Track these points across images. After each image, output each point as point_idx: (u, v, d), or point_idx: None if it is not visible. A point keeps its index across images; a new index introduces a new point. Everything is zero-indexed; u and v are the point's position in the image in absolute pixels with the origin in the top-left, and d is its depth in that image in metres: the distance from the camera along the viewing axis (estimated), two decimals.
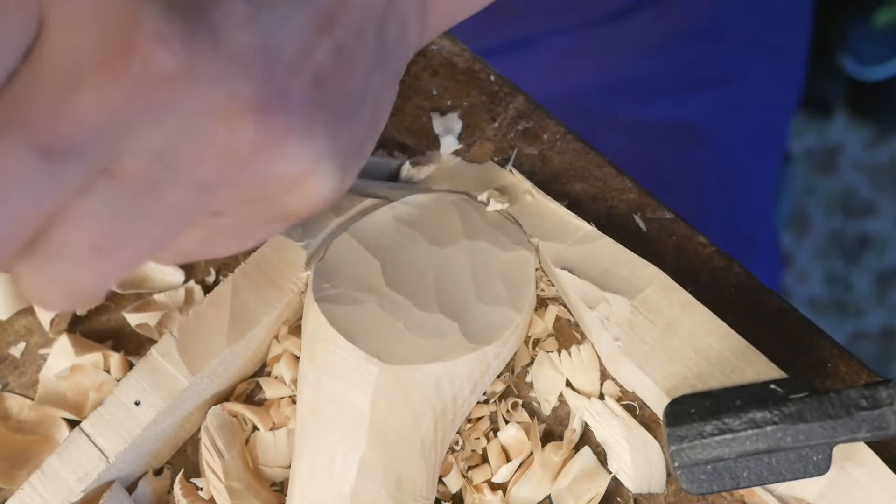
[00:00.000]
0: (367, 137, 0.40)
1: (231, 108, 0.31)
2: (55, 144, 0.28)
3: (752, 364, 0.45)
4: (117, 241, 0.31)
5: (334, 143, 0.36)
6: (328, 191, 0.36)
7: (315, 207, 0.37)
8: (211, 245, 0.37)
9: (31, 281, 0.31)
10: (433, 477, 0.46)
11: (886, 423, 0.39)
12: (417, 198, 0.51)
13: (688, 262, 0.51)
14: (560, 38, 0.81)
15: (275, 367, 0.50)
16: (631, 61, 0.82)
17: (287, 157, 0.34)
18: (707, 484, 0.41)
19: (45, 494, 0.45)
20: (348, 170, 0.37)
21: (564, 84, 0.81)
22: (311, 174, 0.35)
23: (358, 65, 0.38)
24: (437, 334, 0.46)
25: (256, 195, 0.35)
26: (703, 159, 0.84)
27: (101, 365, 0.51)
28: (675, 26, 0.81)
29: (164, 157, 0.31)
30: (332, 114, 0.36)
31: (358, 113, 0.38)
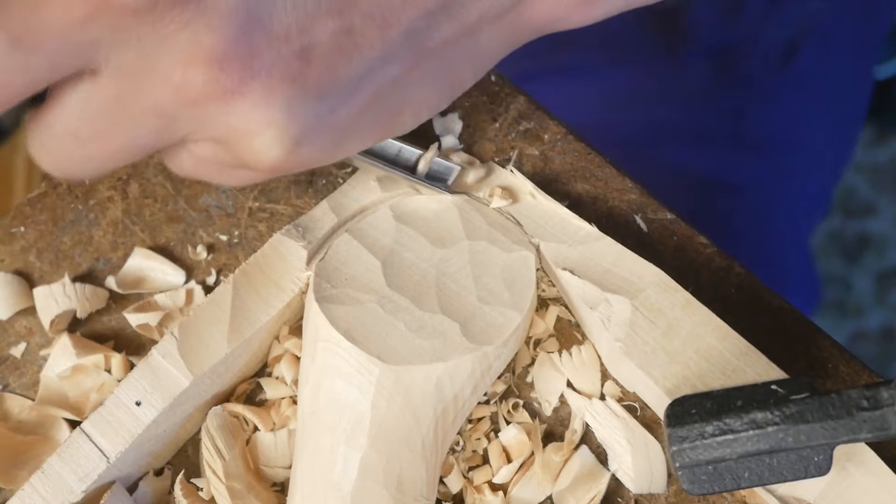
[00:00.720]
0: (355, 124, 0.40)
1: (189, 52, 0.35)
2: (24, 36, 0.34)
3: (753, 364, 0.45)
4: (90, 134, 0.37)
5: (291, 116, 0.38)
6: (272, 157, 0.39)
7: (265, 168, 0.39)
8: (200, 169, 0.41)
9: (30, 142, 0.38)
10: (434, 477, 0.46)
11: (887, 423, 0.39)
12: (417, 198, 0.51)
13: (688, 262, 0.51)
14: (615, 70, 0.80)
15: (275, 368, 0.50)
16: (685, 106, 0.81)
17: (235, 114, 0.37)
18: (708, 484, 0.41)
19: (46, 495, 0.45)
20: (303, 145, 0.39)
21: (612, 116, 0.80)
22: (257, 135, 0.38)
23: (364, 52, 0.38)
24: (438, 335, 0.46)
25: (213, 135, 0.38)
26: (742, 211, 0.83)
27: (103, 365, 0.51)
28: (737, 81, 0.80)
29: (131, 75, 0.36)
30: (307, 89, 0.37)
31: (346, 97, 0.39)
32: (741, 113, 0.81)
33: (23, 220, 0.55)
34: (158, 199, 0.55)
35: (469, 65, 0.43)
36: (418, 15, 0.39)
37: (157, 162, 0.56)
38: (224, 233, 0.54)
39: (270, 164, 0.39)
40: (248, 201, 0.55)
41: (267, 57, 0.36)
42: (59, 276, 0.54)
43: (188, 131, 0.38)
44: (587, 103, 0.73)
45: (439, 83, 0.43)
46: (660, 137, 0.81)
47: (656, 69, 0.80)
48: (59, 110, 0.37)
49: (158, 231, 0.54)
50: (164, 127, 0.38)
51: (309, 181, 0.55)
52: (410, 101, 0.42)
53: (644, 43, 0.79)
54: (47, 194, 0.56)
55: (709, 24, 0.77)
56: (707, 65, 0.79)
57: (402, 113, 0.42)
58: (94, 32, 0.34)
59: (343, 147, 0.42)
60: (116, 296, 0.53)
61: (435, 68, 0.42)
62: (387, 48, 0.39)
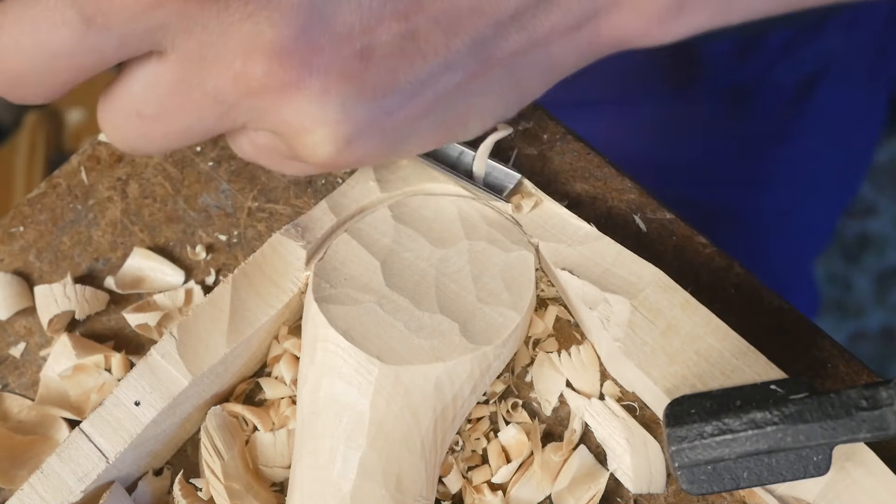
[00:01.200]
0: (412, 128, 0.41)
1: (251, 43, 0.36)
2: (96, 17, 0.35)
3: (753, 364, 0.45)
4: (154, 113, 0.39)
5: (345, 116, 0.38)
6: (324, 154, 0.39)
7: (317, 163, 0.40)
8: (259, 156, 0.42)
9: (99, 116, 0.40)
10: (433, 477, 0.46)
11: (886, 423, 0.39)
12: (417, 198, 0.51)
13: (688, 262, 0.51)
14: (626, 104, 0.80)
15: (275, 368, 0.50)
16: (695, 141, 0.81)
17: (291, 108, 0.37)
18: (707, 484, 0.41)
19: (45, 495, 0.45)
20: (355, 145, 0.39)
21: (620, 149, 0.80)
22: (309, 132, 0.38)
23: (427, 58, 0.38)
24: (437, 335, 0.46)
25: (270, 126, 0.39)
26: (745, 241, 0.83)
27: (103, 365, 0.51)
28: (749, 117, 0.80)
29: (195, 60, 0.37)
30: (364, 90, 0.38)
31: (404, 101, 0.39)
32: (752, 148, 0.81)
33: (22, 219, 0.55)
34: (158, 199, 0.55)
35: (539, 75, 0.43)
36: (486, 24, 0.39)
37: (157, 162, 0.56)
38: (223, 233, 0.54)
39: (322, 160, 0.40)
40: (248, 201, 0.55)
41: (327, 55, 0.37)
42: (59, 276, 0.54)
43: (246, 119, 0.39)
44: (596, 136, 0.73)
45: (506, 92, 0.42)
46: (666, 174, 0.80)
47: (666, 104, 0.80)
48: (125, 88, 0.39)
49: (158, 231, 0.54)
50: (224, 113, 0.39)
51: (308, 181, 0.55)
52: (475, 108, 0.42)
53: (655, 77, 0.79)
54: (47, 194, 0.56)
55: (724, 60, 0.77)
56: (719, 101, 0.79)
57: (466, 120, 0.42)
58: (161, 17, 0.36)
59: (399, 149, 0.42)
60: (116, 296, 0.53)
61: (502, 77, 0.41)
62: (451, 55, 0.39)
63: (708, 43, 0.76)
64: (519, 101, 0.44)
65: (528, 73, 0.42)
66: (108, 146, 0.56)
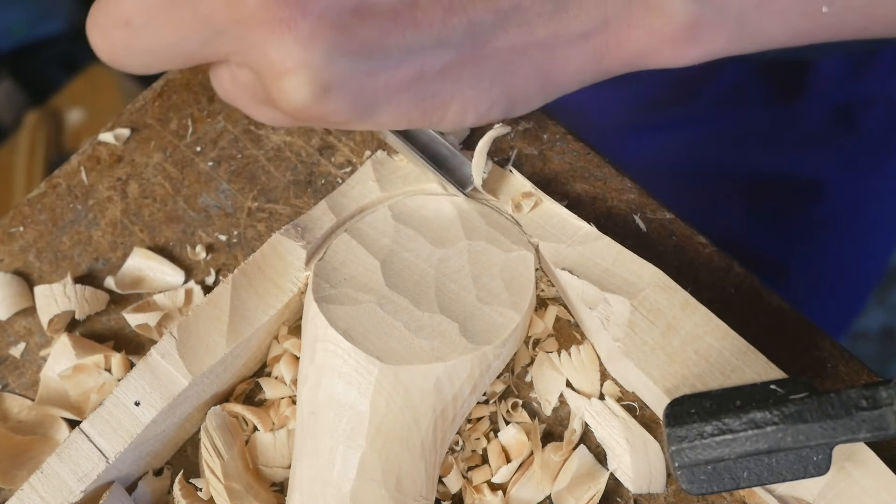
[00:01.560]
0: (391, 96, 0.40)
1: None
2: None
3: (752, 364, 0.45)
4: (142, 22, 0.39)
5: (327, 64, 0.38)
6: (298, 99, 0.39)
7: (289, 109, 0.40)
8: (235, 95, 0.42)
9: (88, 24, 0.40)
10: (433, 477, 0.46)
11: (886, 423, 0.39)
12: (417, 198, 0.51)
13: (688, 262, 0.51)
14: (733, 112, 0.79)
15: (275, 368, 0.50)
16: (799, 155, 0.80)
17: (276, 46, 0.37)
18: (707, 484, 0.41)
19: (45, 495, 0.45)
20: (331, 96, 0.39)
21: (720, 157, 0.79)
22: (289, 74, 0.38)
23: (421, 28, 0.38)
24: (437, 335, 0.46)
25: (252, 62, 0.39)
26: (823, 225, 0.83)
27: (103, 365, 0.51)
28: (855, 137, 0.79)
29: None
30: (351, 44, 0.38)
31: (388, 65, 0.39)
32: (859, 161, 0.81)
33: (22, 220, 0.55)
34: (157, 199, 0.55)
35: (537, 80, 0.42)
36: (487, 9, 0.39)
37: (157, 162, 0.56)
38: (223, 233, 0.54)
39: (295, 105, 0.39)
40: (247, 201, 0.55)
41: (324, 1, 0.37)
42: (59, 277, 0.54)
43: (230, 51, 0.39)
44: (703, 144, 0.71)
45: (496, 88, 0.42)
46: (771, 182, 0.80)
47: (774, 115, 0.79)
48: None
49: (157, 231, 0.54)
50: (210, 39, 0.39)
51: (308, 181, 0.55)
52: (459, 97, 0.42)
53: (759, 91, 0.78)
54: (46, 194, 0.56)
55: (836, 77, 0.77)
56: (828, 115, 0.78)
57: (447, 106, 0.42)
58: None
59: (372, 114, 0.41)
60: (116, 296, 0.53)
61: (494, 70, 0.41)
62: (445, 31, 0.39)
63: (820, 59, 0.75)
64: (508, 103, 0.43)
65: (524, 74, 0.42)
66: (109, 146, 0.56)
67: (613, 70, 0.44)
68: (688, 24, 0.41)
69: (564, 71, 0.43)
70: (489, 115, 0.43)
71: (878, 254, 0.89)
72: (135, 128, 0.57)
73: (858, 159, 0.81)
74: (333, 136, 0.55)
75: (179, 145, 0.56)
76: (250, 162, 0.55)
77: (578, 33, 0.41)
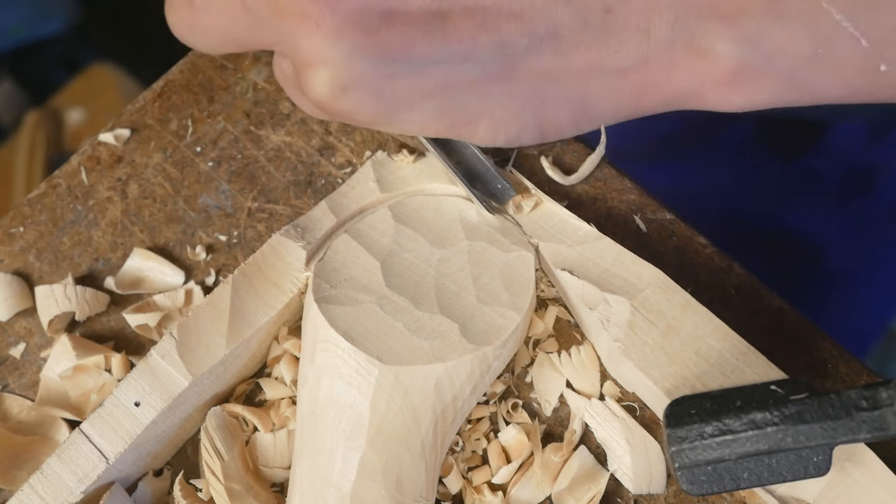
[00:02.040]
0: (412, 103, 0.41)
1: None
2: None
3: (753, 365, 0.45)
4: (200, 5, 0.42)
5: (349, 63, 0.39)
6: (319, 93, 0.40)
7: (313, 100, 0.41)
8: (283, 82, 0.45)
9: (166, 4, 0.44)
10: (433, 478, 0.46)
11: (886, 423, 0.39)
12: (417, 198, 0.51)
13: (688, 262, 0.51)
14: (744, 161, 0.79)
15: (275, 368, 0.50)
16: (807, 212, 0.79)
17: (306, 39, 0.39)
18: (707, 485, 0.41)
19: (45, 495, 0.45)
20: (349, 95, 0.40)
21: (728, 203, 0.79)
22: (313, 67, 0.40)
23: (449, 42, 0.39)
24: (437, 335, 0.46)
25: (289, 52, 0.41)
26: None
27: (103, 365, 0.51)
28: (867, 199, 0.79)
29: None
30: (374, 47, 0.39)
31: (410, 72, 0.40)
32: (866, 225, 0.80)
33: (22, 220, 0.55)
34: (157, 199, 0.55)
35: (567, 109, 0.42)
36: (520, 31, 0.39)
37: (157, 163, 0.56)
38: (223, 233, 0.54)
39: (317, 98, 0.41)
40: (247, 202, 0.55)
41: (354, 2, 0.38)
42: (59, 277, 0.53)
43: (273, 41, 0.41)
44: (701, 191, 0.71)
45: (526, 112, 0.42)
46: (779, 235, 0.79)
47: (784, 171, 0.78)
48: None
49: (157, 231, 0.54)
50: (254, 27, 0.41)
51: (308, 181, 0.55)
52: (488, 114, 0.42)
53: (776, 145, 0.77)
54: (47, 195, 0.56)
55: (854, 141, 0.76)
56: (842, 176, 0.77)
57: (475, 122, 0.42)
58: None
59: (395, 118, 0.42)
60: (116, 296, 0.53)
61: (524, 94, 0.41)
62: (474, 47, 0.39)
63: (840, 123, 0.75)
64: (539, 128, 0.43)
65: (556, 101, 0.42)
66: (108, 146, 0.56)
67: (653, 108, 0.43)
68: (733, 69, 0.40)
69: (599, 104, 0.42)
70: (519, 139, 0.43)
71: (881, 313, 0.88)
72: (135, 128, 0.57)
73: (871, 221, 0.81)
74: (333, 136, 0.55)
75: (179, 146, 0.56)
76: (250, 162, 0.55)
77: (616, 68, 0.40)
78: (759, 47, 0.39)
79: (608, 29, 0.39)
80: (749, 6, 0.39)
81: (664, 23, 0.39)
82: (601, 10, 0.39)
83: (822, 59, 0.40)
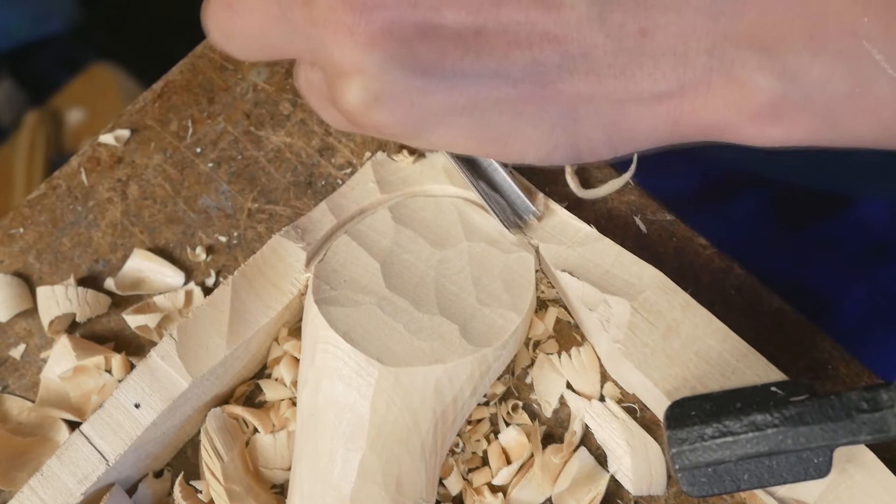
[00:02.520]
0: (442, 118, 0.40)
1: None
2: None
3: (753, 366, 0.45)
4: (238, 8, 0.42)
5: (381, 73, 0.39)
6: (350, 103, 0.40)
7: (343, 111, 0.41)
8: (308, 93, 0.44)
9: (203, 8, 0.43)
10: (433, 479, 0.46)
11: (887, 425, 0.39)
12: (416, 199, 0.51)
13: (688, 263, 0.51)
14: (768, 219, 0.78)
15: (275, 370, 0.50)
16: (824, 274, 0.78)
17: (338, 48, 0.39)
18: (708, 486, 0.41)
19: (45, 497, 0.45)
20: (381, 106, 0.40)
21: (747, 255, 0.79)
22: (345, 77, 0.39)
23: (481, 57, 0.39)
24: (437, 336, 0.46)
25: (320, 60, 0.40)
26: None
27: (104, 366, 0.51)
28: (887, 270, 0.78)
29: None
30: (407, 59, 0.38)
31: (442, 86, 0.39)
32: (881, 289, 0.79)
33: (22, 221, 0.55)
34: (157, 200, 0.55)
35: (602, 132, 0.41)
36: (554, 51, 0.38)
37: (157, 164, 0.56)
38: (223, 234, 0.54)
39: (347, 108, 0.40)
40: (247, 202, 0.54)
41: (389, 12, 0.38)
42: (59, 278, 0.53)
43: (305, 48, 0.41)
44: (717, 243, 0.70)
45: (558, 132, 0.41)
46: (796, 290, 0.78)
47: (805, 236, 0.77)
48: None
49: (157, 232, 0.54)
50: (289, 33, 0.40)
51: (308, 182, 0.55)
52: (519, 133, 0.41)
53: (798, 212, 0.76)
54: (46, 195, 0.56)
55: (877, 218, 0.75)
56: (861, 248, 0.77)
57: (506, 140, 0.41)
58: None
59: (423, 132, 0.41)
60: (116, 297, 0.53)
61: (557, 113, 0.40)
62: (506, 63, 0.38)
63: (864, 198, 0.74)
64: (572, 148, 0.42)
65: (590, 122, 0.41)
66: (108, 147, 0.56)
67: (690, 136, 0.42)
68: (770, 101, 0.39)
69: (634, 128, 0.41)
70: (551, 158, 0.42)
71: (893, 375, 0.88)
72: (135, 129, 0.57)
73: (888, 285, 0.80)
74: (333, 137, 0.55)
75: (179, 146, 0.56)
76: (250, 163, 0.55)
77: (651, 93, 0.39)
78: (797, 82, 0.39)
79: (644, 52, 0.38)
80: (789, 39, 0.38)
81: (702, 49, 0.38)
82: (637, 33, 0.38)
83: (859, 99, 0.39)
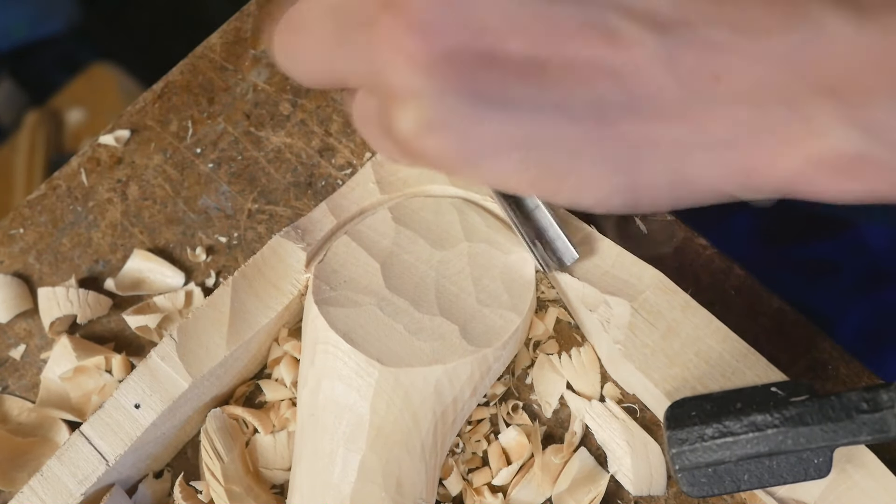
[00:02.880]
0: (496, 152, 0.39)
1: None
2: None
3: (753, 366, 0.45)
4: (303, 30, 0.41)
5: (438, 100, 0.37)
6: (404, 128, 0.38)
7: (397, 136, 0.39)
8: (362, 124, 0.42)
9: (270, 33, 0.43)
10: (433, 479, 0.46)
11: (887, 425, 0.39)
12: (416, 200, 0.51)
13: (688, 264, 0.51)
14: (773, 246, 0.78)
15: (275, 370, 0.50)
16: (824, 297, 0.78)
17: (396, 72, 0.37)
18: (708, 487, 0.41)
19: (45, 497, 0.45)
20: (435, 134, 0.38)
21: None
22: (401, 101, 0.38)
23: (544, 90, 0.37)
24: (438, 337, 0.46)
25: (378, 83, 0.39)
26: None
27: (104, 366, 0.51)
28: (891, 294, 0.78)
29: None
30: (467, 87, 0.37)
31: (498, 118, 0.38)
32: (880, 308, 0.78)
33: (22, 221, 0.55)
34: (158, 200, 0.55)
35: (666, 179, 0.39)
36: (618, 90, 0.36)
37: (157, 164, 0.56)
38: (223, 234, 0.54)
39: (401, 135, 0.39)
40: (248, 203, 0.54)
41: (452, 39, 0.37)
42: (59, 278, 0.53)
43: (363, 72, 0.40)
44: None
45: (619, 175, 0.39)
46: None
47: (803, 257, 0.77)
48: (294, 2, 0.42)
49: (157, 233, 0.54)
50: (350, 56, 0.40)
51: (308, 183, 0.55)
52: (576, 173, 0.39)
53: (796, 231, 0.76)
54: (46, 196, 0.56)
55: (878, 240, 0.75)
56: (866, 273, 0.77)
57: (560, 179, 0.39)
58: None
59: (477, 165, 0.39)
60: (116, 297, 0.53)
61: (617, 155, 0.38)
62: (568, 98, 0.37)
63: (866, 223, 0.73)
64: (632, 193, 0.39)
65: (653, 168, 0.38)
66: (108, 148, 0.56)
67: (761, 190, 0.39)
68: (853, 154, 0.37)
69: (701, 178, 0.39)
70: (608, 203, 0.40)
71: None
72: (135, 129, 0.57)
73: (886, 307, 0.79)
74: (334, 137, 0.55)
75: (179, 147, 0.56)
76: (250, 164, 0.55)
77: (721, 138, 0.37)
78: (882, 137, 0.36)
79: (715, 98, 0.36)
80: (874, 91, 0.36)
81: (779, 97, 0.36)
82: (709, 77, 0.36)
83: None
